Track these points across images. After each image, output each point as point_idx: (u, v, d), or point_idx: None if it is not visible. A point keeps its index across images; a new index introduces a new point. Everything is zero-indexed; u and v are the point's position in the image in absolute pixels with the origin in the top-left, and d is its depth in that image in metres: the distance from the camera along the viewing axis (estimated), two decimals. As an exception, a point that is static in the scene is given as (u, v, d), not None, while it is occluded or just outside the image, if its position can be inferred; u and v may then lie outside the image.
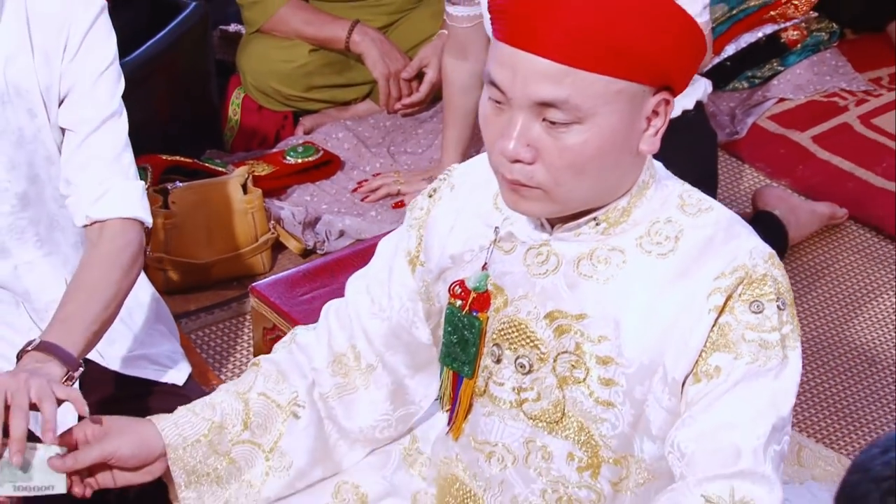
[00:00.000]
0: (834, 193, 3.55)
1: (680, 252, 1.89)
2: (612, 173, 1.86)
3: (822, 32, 4.06)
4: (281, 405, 2.12)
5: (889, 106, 3.90)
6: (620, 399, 1.93)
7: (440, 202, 2.08)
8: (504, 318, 1.98)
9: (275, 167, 3.47)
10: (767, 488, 1.83)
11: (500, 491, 2.06)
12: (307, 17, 3.66)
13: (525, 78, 1.76)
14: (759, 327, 1.86)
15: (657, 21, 1.80)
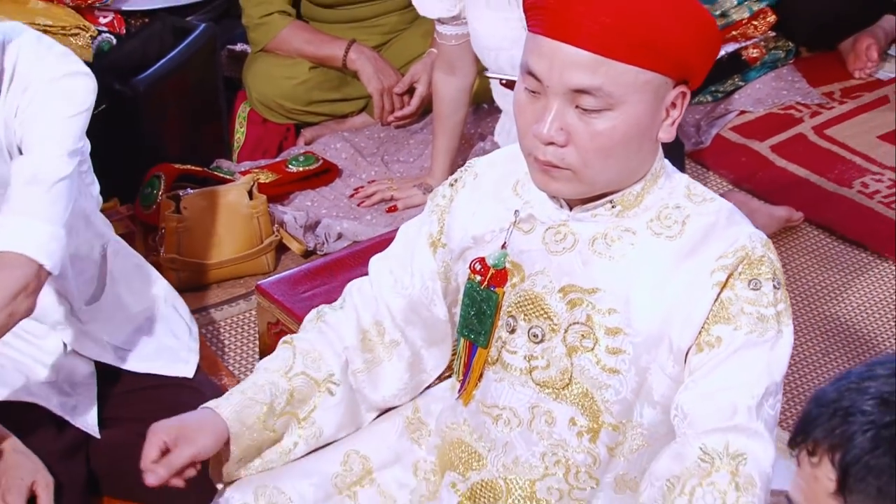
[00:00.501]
0: (791, 198, 3.52)
1: (686, 235, 1.92)
2: (635, 158, 1.89)
3: (779, 51, 4.06)
4: (318, 381, 2.13)
5: (841, 118, 3.89)
6: (626, 366, 1.95)
7: (463, 190, 2.11)
8: (521, 291, 1.99)
9: (278, 175, 3.44)
10: (760, 444, 1.84)
11: (503, 452, 2.05)
12: (307, 38, 3.62)
13: (562, 67, 1.79)
14: (757, 302, 1.89)
15: (682, 17, 1.83)
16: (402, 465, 2.16)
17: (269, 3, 3.57)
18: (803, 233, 3.44)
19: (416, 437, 2.18)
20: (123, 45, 3.45)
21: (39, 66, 2.29)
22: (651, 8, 1.79)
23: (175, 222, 3.11)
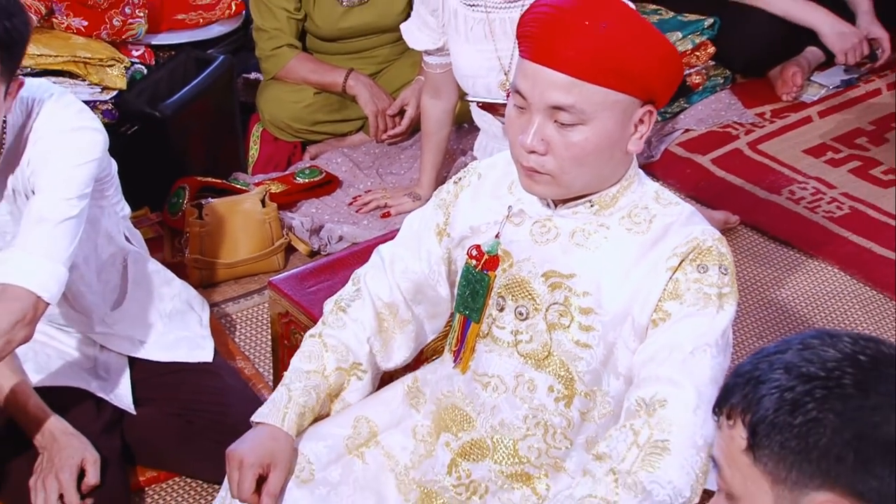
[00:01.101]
0: (728, 204, 3.52)
1: (651, 231, 1.95)
2: (606, 166, 1.92)
3: (718, 77, 4.05)
4: (347, 370, 2.16)
5: (771, 135, 3.88)
6: (596, 342, 1.97)
7: (468, 188, 2.13)
8: (510, 275, 2.02)
9: (287, 186, 3.43)
10: (681, 392, 1.87)
11: (491, 415, 2.06)
12: (312, 67, 3.61)
13: (542, 87, 1.84)
14: (702, 281, 1.91)
15: (648, 48, 1.87)
16: (402, 429, 2.16)
17: (278, 37, 3.55)
18: (740, 234, 3.43)
19: (414, 404, 2.18)
20: (153, 74, 3.41)
21: (53, 120, 2.26)
22: (620, 39, 1.82)
23: (198, 227, 3.11)
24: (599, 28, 1.81)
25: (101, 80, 3.19)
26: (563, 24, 1.83)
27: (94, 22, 3.25)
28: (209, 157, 3.48)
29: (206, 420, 2.48)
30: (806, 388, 1.26)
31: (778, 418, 1.27)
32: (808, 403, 1.25)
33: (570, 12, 1.83)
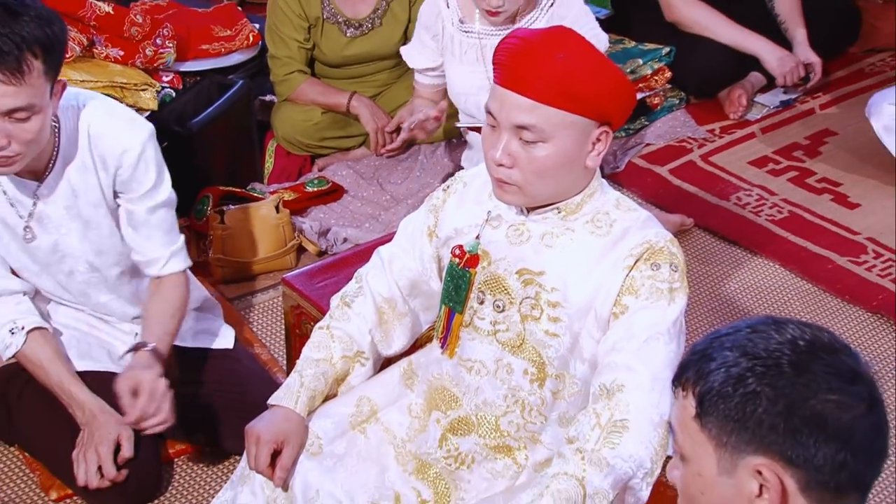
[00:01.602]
0: (684, 208, 3.51)
1: (612, 234, 1.95)
2: (566, 179, 1.92)
3: (674, 98, 4.03)
4: (352, 358, 2.16)
5: (720, 148, 3.87)
6: (563, 331, 1.97)
7: (454, 194, 2.13)
8: (488, 273, 2.01)
9: (298, 194, 3.43)
10: (635, 377, 1.87)
11: (475, 395, 2.06)
12: (320, 90, 3.59)
13: (508, 108, 1.85)
14: (655, 278, 1.91)
15: (602, 77, 1.87)
16: (399, 407, 2.15)
17: (290, 64, 3.54)
18: (693, 234, 3.43)
19: (409, 384, 2.17)
20: (181, 97, 3.42)
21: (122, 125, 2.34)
22: (576, 69, 1.83)
23: (220, 230, 3.11)
24: (558, 58, 1.81)
25: (136, 103, 3.20)
26: (527, 54, 1.83)
27: (130, 52, 3.27)
28: (230, 169, 3.47)
29: (228, 399, 2.48)
30: (749, 365, 1.27)
31: (723, 390, 1.27)
32: (749, 378, 1.26)
33: (534, 44, 1.84)
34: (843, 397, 1.24)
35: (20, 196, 2.29)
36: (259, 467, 2.02)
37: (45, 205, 2.31)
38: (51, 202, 2.31)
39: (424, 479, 2.07)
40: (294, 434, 2.05)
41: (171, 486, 2.50)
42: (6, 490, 2.48)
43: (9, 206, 2.30)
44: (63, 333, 2.48)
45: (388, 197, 3.43)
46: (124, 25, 3.32)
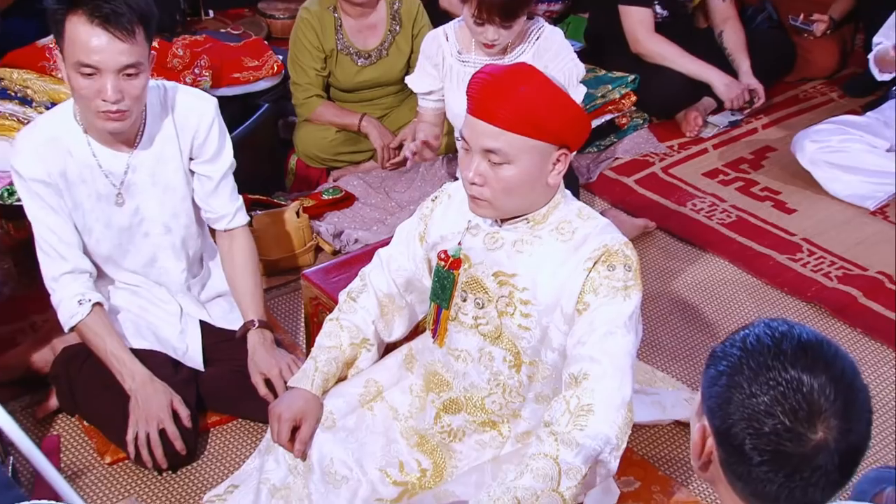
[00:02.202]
0: (647, 213, 3.50)
1: (574, 240, 1.94)
2: (530, 195, 1.92)
3: (638, 119, 4.02)
4: (359, 345, 2.17)
5: (678, 162, 3.86)
6: (533, 325, 1.97)
7: (441, 205, 2.12)
8: (469, 274, 2.01)
9: (316, 201, 3.41)
10: (599, 366, 1.86)
11: (463, 379, 2.07)
12: (334, 112, 3.59)
13: (478, 135, 1.85)
14: (611, 278, 1.90)
15: (558, 109, 1.86)
16: (401, 387, 2.16)
17: (309, 90, 3.53)
18: (655, 236, 3.42)
19: (409, 367, 2.18)
20: (215, 118, 3.42)
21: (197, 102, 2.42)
22: (535, 101, 1.82)
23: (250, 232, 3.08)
24: (520, 91, 1.81)
25: (177, 123, 3.19)
26: (494, 87, 1.83)
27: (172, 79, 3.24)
28: (257, 180, 3.45)
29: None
30: (728, 348, 1.25)
31: (708, 367, 1.27)
32: (722, 361, 1.25)
33: (500, 79, 1.84)
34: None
35: (114, 168, 2.32)
36: (281, 441, 2.03)
37: (133, 173, 2.34)
38: (139, 171, 2.34)
39: (424, 450, 2.09)
40: (311, 412, 2.06)
41: (206, 452, 2.50)
42: (68, 454, 2.48)
43: (104, 177, 2.32)
44: (119, 314, 2.47)
45: (394, 204, 3.42)
46: (167, 57, 3.34)
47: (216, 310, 2.57)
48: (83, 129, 2.28)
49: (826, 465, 1.16)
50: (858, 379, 1.20)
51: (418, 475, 2.05)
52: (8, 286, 2.96)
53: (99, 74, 2.10)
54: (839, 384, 1.17)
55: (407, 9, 3.52)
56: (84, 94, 2.13)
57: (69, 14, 2.08)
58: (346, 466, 2.02)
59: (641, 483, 2.35)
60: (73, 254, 2.33)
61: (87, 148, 2.29)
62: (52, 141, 2.26)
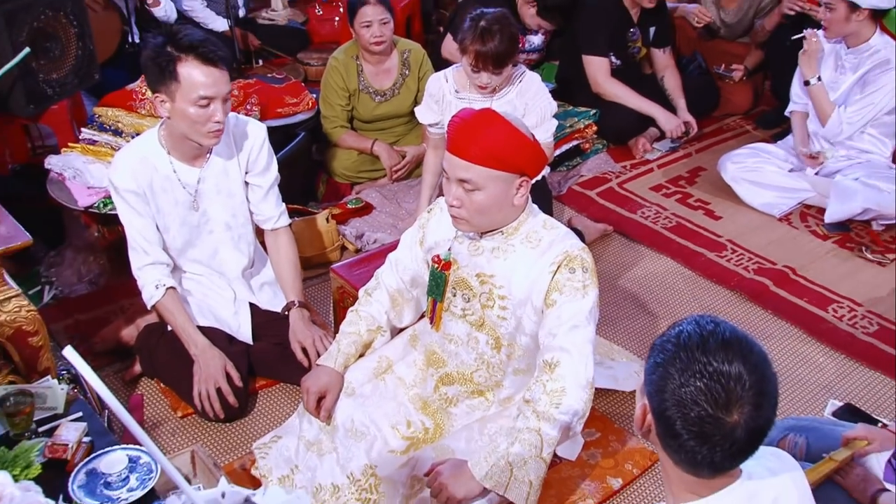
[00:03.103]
0: (606, 219, 3.48)
1: (541, 247, 1.92)
2: (499, 214, 1.90)
3: (599, 144, 3.99)
4: (374, 331, 2.16)
5: (630, 178, 3.83)
6: (509, 316, 1.95)
7: (435, 215, 2.09)
8: (457, 275, 1.99)
9: (341, 210, 3.39)
10: (568, 355, 1.85)
11: (455, 357, 2.06)
12: (354, 139, 3.58)
13: (453, 168, 1.84)
14: (572, 280, 1.88)
15: (517, 146, 1.85)
16: (406, 362, 2.15)
17: (335, 121, 3.53)
18: (612, 237, 3.40)
19: (413, 345, 2.17)
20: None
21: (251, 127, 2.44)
22: (498, 140, 1.81)
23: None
24: (485, 133, 1.80)
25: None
26: (463, 129, 1.82)
27: (228, 113, 3.27)
28: (294, 193, 3.43)
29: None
30: (665, 341, 1.23)
31: (649, 357, 1.25)
32: (659, 353, 1.23)
33: (469, 123, 1.83)
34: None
35: (189, 180, 2.35)
36: (308, 409, 2.05)
37: (203, 183, 2.36)
38: (207, 181, 2.37)
39: (426, 413, 2.09)
40: (334, 386, 2.06)
41: (255, 409, 2.50)
42: (149, 409, 2.49)
43: (181, 188, 2.35)
44: (187, 297, 2.48)
45: (403, 211, 3.41)
46: (225, 96, 3.32)
47: (263, 296, 2.57)
48: (166, 150, 2.32)
49: (739, 440, 1.17)
50: (769, 369, 1.19)
51: (422, 432, 2.04)
52: (103, 277, 2.98)
53: (211, 103, 2.15)
54: (753, 375, 1.16)
55: (415, 57, 3.53)
56: (198, 120, 2.18)
57: (180, 62, 2.12)
58: (363, 425, 2.03)
59: (601, 434, 2.36)
60: (153, 249, 2.36)
61: (168, 165, 2.32)
62: (142, 160, 2.30)
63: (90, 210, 2.86)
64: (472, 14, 2.75)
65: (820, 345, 2.82)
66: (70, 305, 2.85)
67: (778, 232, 3.42)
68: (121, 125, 2.97)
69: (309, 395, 2.04)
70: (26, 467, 1.24)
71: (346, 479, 1.98)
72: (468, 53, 2.72)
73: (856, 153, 3.41)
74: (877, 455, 2.00)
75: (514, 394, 2.06)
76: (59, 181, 2.91)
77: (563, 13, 3.95)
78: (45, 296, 2.87)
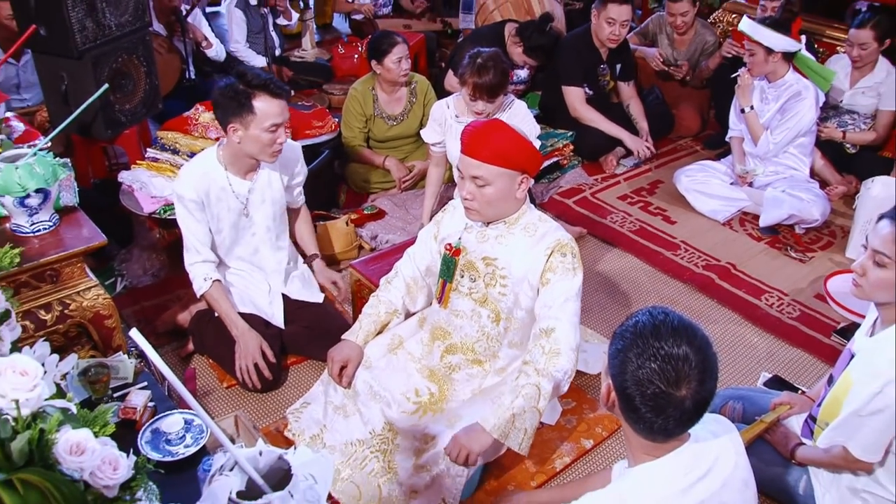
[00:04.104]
0: (581, 224, 3.47)
1: (536, 235, 1.90)
2: (504, 205, 1.89)
3: (575, 160, 3.98)
4: (391, 313, 2.12)
5: (602, 189, 3.82)
6: (509, 293, 1.93)
7: (447, 213, 2.08)
8: (465, 259, 1.97)
9: (359, 215, 3.38)
10: (561, 324, 1.84)
11: (459, 330, 2.03)
12: (369, 155, 3.58)
13: (466, 166, 1.84)
14: (563, 262, 1.87)
15: (520, 148, 1.84)
16: (415, 339, 2.14)
17: (353, 141, 3.54)
18: (587, 239, 3.40)
19: (421, 325, 2.16)
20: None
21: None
22: (504, 143, 1.81)
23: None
24: (494, 137, 1.81)
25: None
26: (476, 135, 1.83)
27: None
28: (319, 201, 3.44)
29: (320, 331, 2.49)
30: (624, 330, 1.23)
31: (611, 344, 1.26)
32: (620, 340, 1.23)
33: (481, 129, 1.83)
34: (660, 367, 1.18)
35: (241, 190, 2.39)
36: (332, 376, 2.05)
37: (251, 194, 2.40)
38: (255, 192, 2.40)
39: (432, 380, 2.08)
40: (354, 357, 2.06)
41: (287, 382, 2.52)
42: (201, 380, 2.51)
43: (235, 198, 2.37)
44: (231, 288, 2.50)
45: (411, 217, 3.41)
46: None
47: (293, 287, 2.58)
48: (224, 166, 2.35)
49: (688, 410, 1.20)
50: (711, 350, 1.22)
51: (428, 397, 2.04)
52: (163, 271, 3.01)
53: (278, 128, 2.23)
54: (698, 355, 1.19)
55: (421, 87, 3.55)
56: (267, 143, 2.24)
57: (254, 97, 2.19)
58: (379, 391, 2.05)
59: (576, 403, 2.38)
60: (204, 249, 2.39)
61: (225, 178, 2.36)
62: (203, 175, 2.34)
63: (153, 215, 2.90)
64: (471, 52, 2.78)
65: (754, 327, 2.85)
66: (137, 294, 2.89)
67: (722, 234, 3.44)
68: (178, 145, 3.01)
69: (333, 363, 2.05)
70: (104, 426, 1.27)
71: (369, 434, 2.02)
72: (467, 85, 2.75)
73: (783, 169, 3.48)
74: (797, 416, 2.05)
75: (508, 365, 2.05)
76: (129, 192, 2.95)
77: (545, 52, 3.98)
78: (118, 286, 2.91)
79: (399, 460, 1.97)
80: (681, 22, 4.19)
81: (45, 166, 1.88)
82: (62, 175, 1.94)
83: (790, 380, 2.55)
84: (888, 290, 1.70)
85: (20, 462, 1.05)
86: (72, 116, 2.07)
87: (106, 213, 2.90)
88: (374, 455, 2.00)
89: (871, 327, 1.83)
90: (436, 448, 1.93)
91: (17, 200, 1.87)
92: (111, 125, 2.96)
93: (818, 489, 1.90)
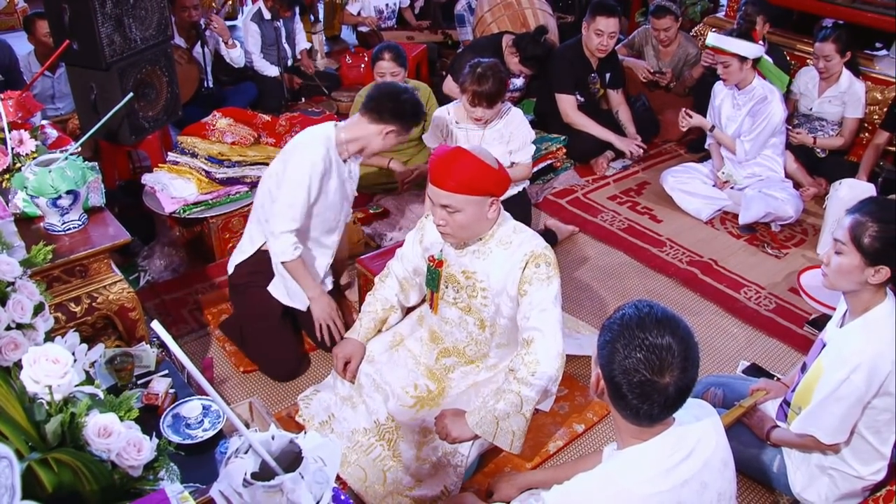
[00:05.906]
0: (574, 222, 3.47)
1: (512, 248, 1.88)
2: (477, 227, 1.86)
3: (568, 163, 3.97)
4: (388, 309, 2.12)
5: (593, 190, 3.81)
6: (490, 303, 1.92)
7: (430, 220, 2.02)
8: (447, 272, 1.95)
9: (365, 214, 3.37)
10: (541, 334, 1.80)
11: (450, 335, 2.02)
12: (376, 157, 3.53)
13: (437, 196, 1.81)
14: (538, 273, 1.83)
15: (483, 175, 1.80)
16: (415, 337, 2.14)
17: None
18: (579, 237, 3.40)
19: (420, 323, 2.16)
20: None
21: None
22: (470, 173, 1.77)
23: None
24: (457, 167, 1.78)
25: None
26: (440, 165, 1.80)
27: (277, 141, 3.27)
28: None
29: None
30: (612, 322, 1.23)
31: (600, 335, 1.24)
32: (608, 332, 1.23)
33: (444, 159, 1.80)
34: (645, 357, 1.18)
35: (344, 175, 2.37)
36: (337, 371, 2.06)
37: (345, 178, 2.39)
38: (347, 179, 2.39)
39: (430, 378, 2.08)
40: (357, 353, 2.06)
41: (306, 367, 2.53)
42: (218, 369, 2.52)
43: (338, 176, 2.34)
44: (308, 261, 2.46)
45: (413, 216, 3.40)
46: (275, 126, 3.34)
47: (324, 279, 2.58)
48: (339, 154, 2.33)
49: (671, 396, 1.20)
50: (693, 339, 1.22)
51: (426, 393, 2.04)
52: (183, 267, 3.01)
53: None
54: (680, 345, 1.18)
55: (422, 94, 3.49)
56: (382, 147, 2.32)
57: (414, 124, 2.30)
58: (382, 383, 2.05)
59: (569, 390, 2.38)
60: (299, 221, 2.33)
61: (338, 157, 2.33)
62: (326, 157, 2.29)
63: (173, 215, 2.91)
64: (471, 62, 2.78)
65: (734, 319, 2.86)
66: (158, 288, 2.90)
67: (704, 232, 3.45)
68: (196, 149, 3.02)
69: (337, 360, 2.07)
70: (128, 411, 1.28)
71: (374, 423, 2.03)
72: (467, 93, 2.74)
73: (760, 170, 3.51)
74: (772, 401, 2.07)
75: (499, 362, 2.05)
76: (152, 193, 2.96)
77: (539, 62, 3.97)
78: (141, 281, 2.91)
79: (403, 448, 1.97)
80: (664, 36, 4.23)
81: (76, 170, 1.90)
82: (90, 178, 1.96)
83: (767, 367, 2.56)
84: (847, 276, 1.71)
85: (54, 442, 1.07)
86: (99, 123, 2.09)
87: (130, 212, 2.93)
88: (379, 443, 2.00)
89: (841, 318, 1.85)
90: (434, 441, 1.92)
91: (49, 201, 1.89)
92: (135, 131, 2.99)
93: (790, 467, 1.93)
